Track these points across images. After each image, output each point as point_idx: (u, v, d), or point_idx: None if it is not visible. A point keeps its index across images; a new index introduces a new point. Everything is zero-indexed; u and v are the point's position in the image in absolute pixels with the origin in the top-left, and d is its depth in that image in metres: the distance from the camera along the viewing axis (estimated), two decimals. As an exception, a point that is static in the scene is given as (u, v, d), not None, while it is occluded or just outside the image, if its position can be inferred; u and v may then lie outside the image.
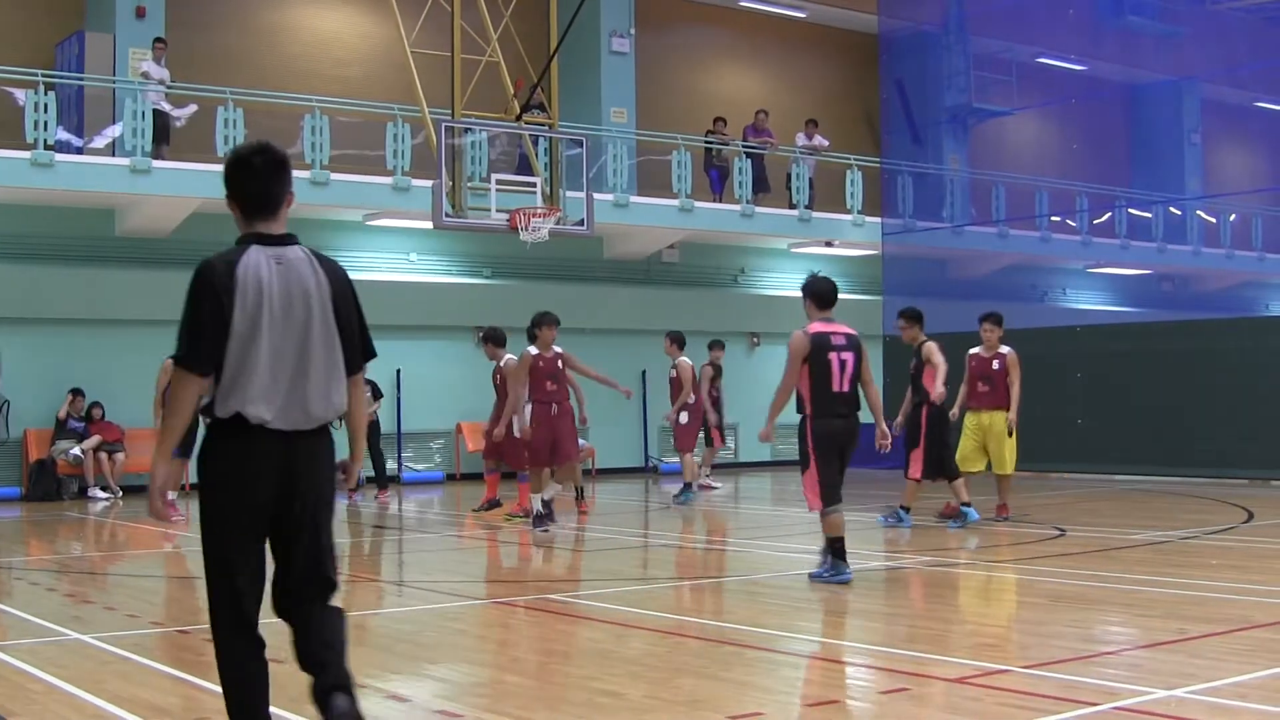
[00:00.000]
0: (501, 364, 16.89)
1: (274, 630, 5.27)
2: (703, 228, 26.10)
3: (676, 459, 20.90)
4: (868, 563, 12.70)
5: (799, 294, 10.84)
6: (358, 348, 5.23)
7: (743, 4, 30.00)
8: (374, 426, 21.48)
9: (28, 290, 20.97)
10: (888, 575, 11.82)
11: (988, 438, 15.32)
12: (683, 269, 27.34)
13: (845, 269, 28.55)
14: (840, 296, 10.85)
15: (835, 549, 10.56)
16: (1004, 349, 15.36)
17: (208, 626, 5.20)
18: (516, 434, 15.05)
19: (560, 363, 14.98)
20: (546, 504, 14.76)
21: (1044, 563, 11.80)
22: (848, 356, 10.58)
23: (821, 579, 10.56)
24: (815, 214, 27.01)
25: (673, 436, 20.40)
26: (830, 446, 10.55)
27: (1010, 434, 15.19)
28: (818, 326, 10.66)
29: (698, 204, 25.69)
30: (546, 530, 14.44)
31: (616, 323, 25.71)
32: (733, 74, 31.07)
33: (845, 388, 10.56)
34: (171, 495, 13.50)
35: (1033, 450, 22.85)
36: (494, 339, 17.27)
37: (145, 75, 21.56)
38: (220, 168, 5.32)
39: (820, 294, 10.81)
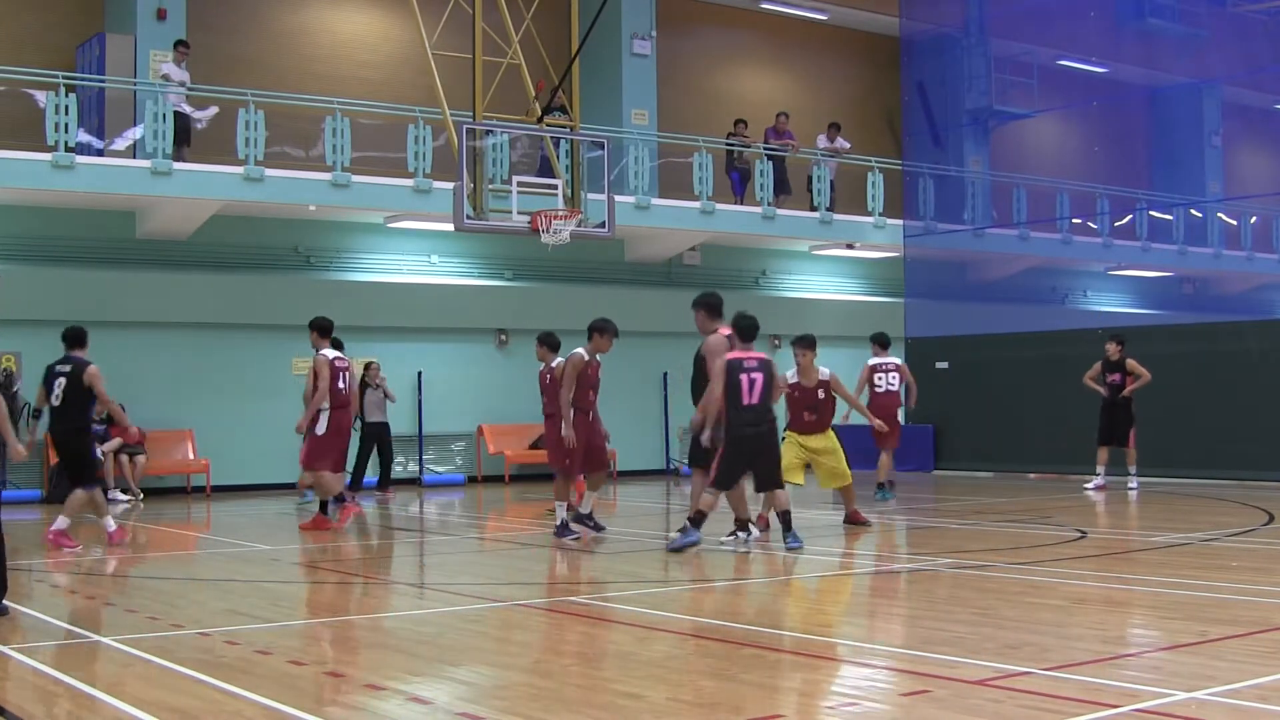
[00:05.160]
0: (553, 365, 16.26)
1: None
2: (724, 230, 26.10)
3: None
4: (889, 564, 12.69)
5: (821, 296, 10.97)
6: None
7: (764, 6, 30.01)
8: (384, 428, 21.45)
9: (48, 292, 21.02)
10: (908, 577, 11.79)
11: (819, 458, 14.76)
12: (704, 271, 27.32)
13: (866, 271, 28.50)
14: (861, 299, 10.95)
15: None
16: (824, 372, 14.72)
17: (230, 628, 5.30)
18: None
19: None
20: (585, 516, 14.63)
21: (1065, 564, 11.78)
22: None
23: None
24: (836, 216, 26.96)
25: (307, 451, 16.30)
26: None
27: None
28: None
29: (719, 206, 25.69)
30: (577, 538, 14.21)
31: (638, 325, 25.62)
32: (754, 76, 31.08)
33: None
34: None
35: (1054, 453, 22.97)
36: (548, 343, 16.81)
37: (166, 77, 21.63)
38: (242, 169, 5.49)
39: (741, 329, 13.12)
